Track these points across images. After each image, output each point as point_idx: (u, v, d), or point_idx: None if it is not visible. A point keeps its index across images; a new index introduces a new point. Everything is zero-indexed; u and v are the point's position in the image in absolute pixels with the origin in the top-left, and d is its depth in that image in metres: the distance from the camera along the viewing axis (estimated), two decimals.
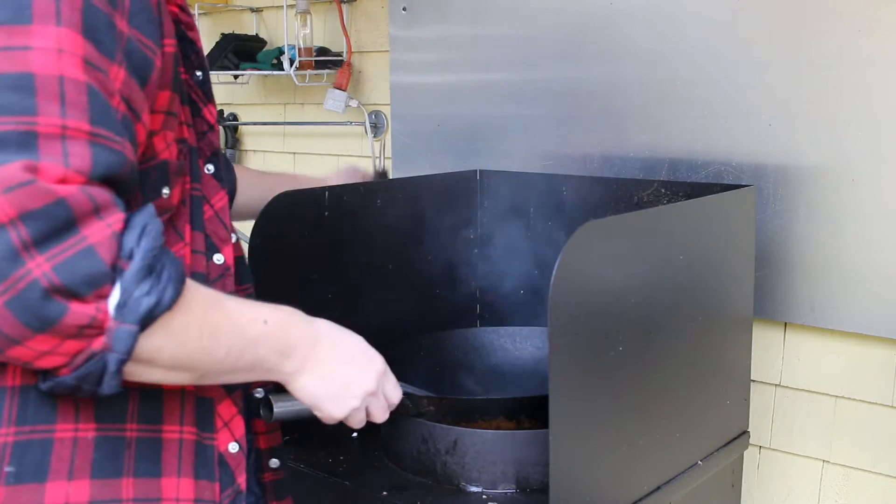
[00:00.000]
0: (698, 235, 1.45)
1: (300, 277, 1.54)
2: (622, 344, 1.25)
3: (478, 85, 2.06)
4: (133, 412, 0.91)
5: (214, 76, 2.56)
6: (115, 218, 0.78)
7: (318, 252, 1.58)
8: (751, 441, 1.65)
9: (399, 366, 1.52)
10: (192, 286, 0.85)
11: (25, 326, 0.74)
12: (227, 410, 1.00)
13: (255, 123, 2.67)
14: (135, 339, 0.79)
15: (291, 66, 2.32)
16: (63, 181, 0.75)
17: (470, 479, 1.35)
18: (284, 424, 1.40)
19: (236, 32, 2.55)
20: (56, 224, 0.74)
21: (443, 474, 1.36)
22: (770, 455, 1.75)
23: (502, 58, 1.97)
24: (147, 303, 0.78)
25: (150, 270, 0.79)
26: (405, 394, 1.44)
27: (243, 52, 2.49)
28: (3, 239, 0.73)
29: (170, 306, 0.80)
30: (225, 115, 2.70)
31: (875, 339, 1.59)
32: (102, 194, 0.77)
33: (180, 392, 0.94)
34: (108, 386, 0.80)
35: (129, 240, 0.78)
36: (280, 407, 1.37)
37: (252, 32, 2.58)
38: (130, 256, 0.78)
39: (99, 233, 0.76)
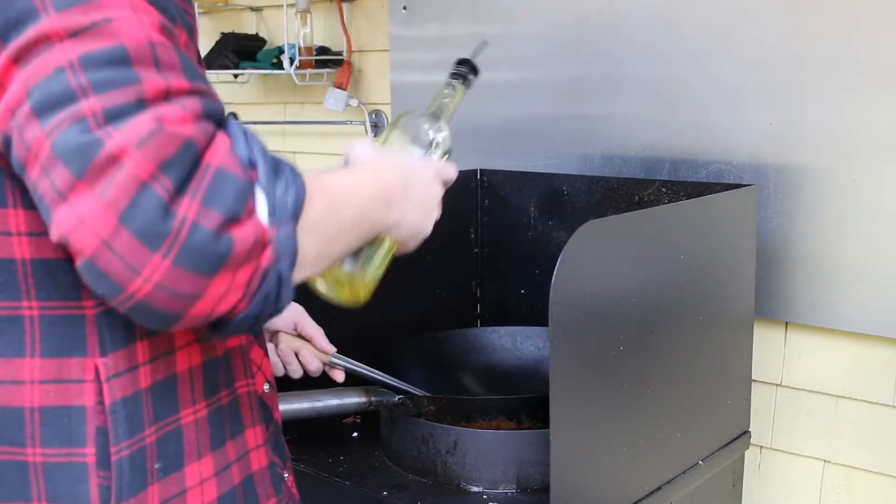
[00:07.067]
0: (699, 235, 1.44)
1: None
2: (623, 343, 1.25)
3: (478, 84, 2.05)
4: (224, 380, 0.92)
5: (214, 75, 2.56)
6: (220, 136, 0.76)
7: None
8: (752, 441, 1.65)
9: (399, 366, 1.52)
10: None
11: (202, 274, 0.71)
12: (256, 355, 1.00)
13: (255, 123, 2.66)
14: (295, 236, 0.77)
15: (291, 65, 2.32)
16: (183, 121, 0.74)
17: (470, 479, 1.35)
18: (284, 424, 1.41)
19: (236, 32, 2.54)
20: (190, 164, 0.72)
21: (443, 474, 1.36)
22: (771, 455, 1.75)
23: (503, 57, 1.96)
24: (291, 198, 0.78)
25: (276, 168, 0.79)
26: (405, 395, 1.44)
27: (243, 51, 2.48)
28: (151, 196, 0.70)
29: (304, 196, 0.79)
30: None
31: (876, 339, 1.59)
32: (209, 125, 0.76)
33: (236, 348, 0.95)
34: (286, 296, 0.78)
35: (240, 148, 0.77)
36: (280, 407, 1.38)
37: (252, 31, 2.58)
38: (251, 163, 0.77)
39: (217, 154, 0.74)
